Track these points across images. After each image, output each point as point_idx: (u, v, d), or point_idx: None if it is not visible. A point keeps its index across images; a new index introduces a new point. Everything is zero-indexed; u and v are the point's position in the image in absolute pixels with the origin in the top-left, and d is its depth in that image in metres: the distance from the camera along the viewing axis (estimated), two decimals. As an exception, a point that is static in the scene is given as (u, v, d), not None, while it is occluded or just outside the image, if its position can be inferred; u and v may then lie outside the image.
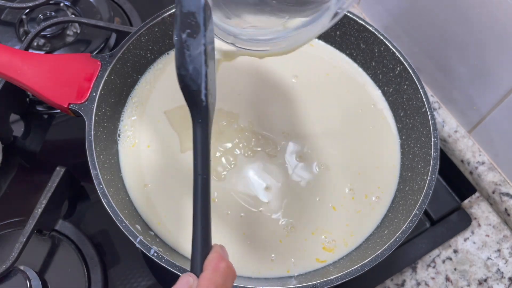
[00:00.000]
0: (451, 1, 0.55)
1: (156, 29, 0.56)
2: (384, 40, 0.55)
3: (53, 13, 0.68)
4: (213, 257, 0.33)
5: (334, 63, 0.60)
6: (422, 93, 0.52)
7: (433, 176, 0.47)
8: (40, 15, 0.68)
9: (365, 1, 0.71)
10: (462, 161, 0.61)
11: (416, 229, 0.57)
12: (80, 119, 0.49)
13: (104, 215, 0.43)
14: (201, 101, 0.35)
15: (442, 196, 0.60)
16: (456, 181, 0.62)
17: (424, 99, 0.51)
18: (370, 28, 0.55)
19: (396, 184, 0.52)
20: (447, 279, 0.55)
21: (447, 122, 0.63)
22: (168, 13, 0.55)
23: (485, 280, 0.55)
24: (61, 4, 0.70)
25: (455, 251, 0.57)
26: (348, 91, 0.58)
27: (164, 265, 0.41)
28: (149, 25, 0.54)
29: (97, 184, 0.45)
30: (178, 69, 0.35)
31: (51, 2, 0.69)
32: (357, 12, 0.72)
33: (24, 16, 0.68)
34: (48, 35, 0.66)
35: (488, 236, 0.58)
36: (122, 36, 0.56)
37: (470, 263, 0.56)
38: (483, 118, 0.59)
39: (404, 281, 0.55)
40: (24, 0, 0.67)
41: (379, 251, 0.43)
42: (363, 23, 0.55)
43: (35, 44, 0.66)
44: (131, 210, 0.48)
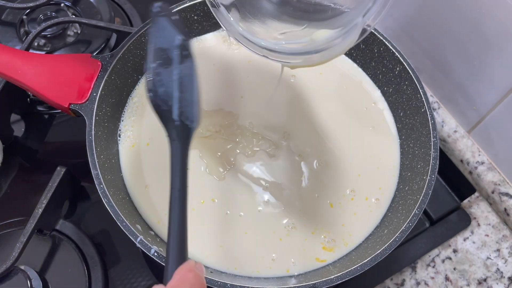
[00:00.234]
0: (451, 1, 0.55)
1: (157, 30, 0.56)
2: (384, 40, 0.55)
3: (54, 14, 0.69)
4: (182, 268, 0.33)
5: (334, 63, 0.60)
6: (422, 93, 0.52)
7: (433, 176, 0.47)
8: (41, 16, 0.68)
9: (365, 2, 0.71)
10: (462, 161, 0.62)
11: (416, 229, 0.57)
12: (81, 119, 0.49)
13: (105, 215, 0.43)
14: (173, 120, 0.39)
15: (442, 196, 0.60)
16: (456, 181, 0.62)
17: (424, 99, 0.52)
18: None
19: (396, 184, 0.52)
20: (447, 279, 0.55)
21: (447, 122, 0.63)
22: (168, 14, 0.55)
23: (485, 280, 0.55)
24: (62, 5, 0.70)
25: (455, 251, 0.57)
26: (348, 91, 0.58)
27: (165, 265, 0.41)
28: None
29: (98, 184, 0.45)
30: (149, 91, 0.39)
31: (52, 3, 0.69)
32: (357, 12, 0.72)
33: (25, 17, 0.68)
34: (49, 36, 0.66)
35: (488, 236, 0.58)
36: (123, 37, 0.56)
37: (470, 263, 0.56)
38: (483, 118, 0.59)
39: (404, 281, 0.55)
40: (25, 1, 0.67)
41: (379, 251, 0.43)
42: (363, 24, 0.55)
43: (36, 45, 0.66)
44: (132, 210, 0.48)
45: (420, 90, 0.52)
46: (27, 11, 0.68)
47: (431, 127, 0.50)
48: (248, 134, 0.54)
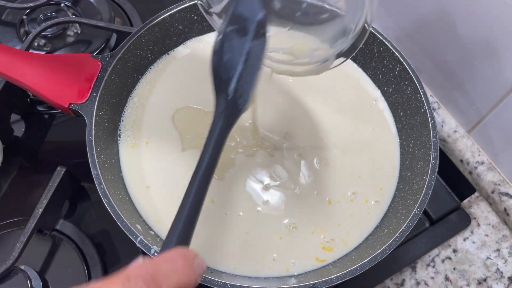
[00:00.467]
0: (451, 1, 0.55)
1: (157, 30, 0.56)
2: (384, 40, 0.55)
3: (54, 14, 0.69)
4: (177, 250, 0.30)
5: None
6: (422, 93, 0.52)
7: (433, 176, 0.47)
8: (41, 16, 0.68)
9: (365, 2, 0.71)
10: (462, 161, 0.62)
11: (416, 229, 0.57)
12: (81, 119, 0.49)
13: (105, 215, 0.43)
14: (228, 93, 0.36)
15: (442, 196, 0.60)
16: (456, 181, 0.62)
17: (424, 99, 0.52)
18: (370, 29, 0.55)
19: (396, 184, 0.52)
20: (447, 279, 0.55)
21: (447, 122, 0.63)
22: (168, 14, 0.55)
23: (485, 280, 0.55)
24: (62, 5, 0.70)
25: (455, 251, 0.57)
26: (348, 91, 0.58)
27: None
28: (150, 26, 0.55)
29: (98, 184, 0.45)
30: (213, 54, 0.36)
31: (52, 3, 0.69)
32: (357, 13, 0.72)
33: (25, 17, 0.68)
34: (49, 36, 0.66)
35: (488, 236, 0.58)
36: (123, 37, 0.56)
37: (470, 263, 0.56)
38: (483, 118, 0.59)
39: (404, 281, 0.55)
40: (25, 1, 0.67)
41: (379, 251, 0.43)
42: (363, 24, 0.56)
43: (36, 45, 0.66)
44: (132, 210, 0.48)
45: (420, 90, 0.52)
46: (27, 11, 0.68)
47: (431, 127, 0.50)
48: (248, 134, 0.54)
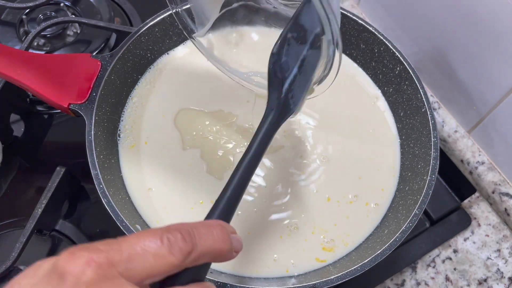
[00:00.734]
0: (451, 1, 0.55)
1: (156, 29, 0.56)
2: (384, 40, 0.55)
3: (53, 13, 0.69)
4: (219, 222, 0.31)
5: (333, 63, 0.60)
6: (422, 93, 0.52)
7: (433, 176, 0.47)
8: (40, 15, 0.68)
9: (365, 1, 0.71)
10: (462, 161, 0.61)
11: (416, 229, 0.57)
12: (80, 119, 0.49)
13: (104, 215, 0.43)
14: (280, 92, 0.39)
15: (442, 196, 0.60)
16: (456, 181, 0.62)
17: (424, 99, 0.51)
18: (370, 28, 0.55)
19: (396, 184, 0.52)
20: (447, 279, 0.55)
21: (447, 122, 0.63)
22: (168, 13, 0.55)
23: (485, 280, 0.55)
24: (61, 4, 0.70)
25: (455, 251, 0.57)
26: (348, 91, 0.58)
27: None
28: (149, 25, 0.55)
29: (97, 184, 0.45)
30: (273, 52, 0.39)
31: (51, 2, 0.69)
32: (357, 12, 0.72)
33: (24, 16, 0.68)
34: (48, 35, 0.66)
35: (488, 236, 0.58)
36: (122, 36, 0.56)
37: (470, 263, 0.56)
38: (483, 118, 0.59)
39: (404, 281, 0.55)
40: (24, 0, 0.67)
41: (379, 251, 0.43)
42: (363, 23, 0.55)
43: (35, 44, 0.66)
44: (131, 210, 0.48)
45: (421, 90, 0.52)
46: (27, 11, 0.68)
47: (431, 127, 0.50)
48: (249, 135, 0.54)
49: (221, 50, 0.50)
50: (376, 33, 0.55)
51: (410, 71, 0.53)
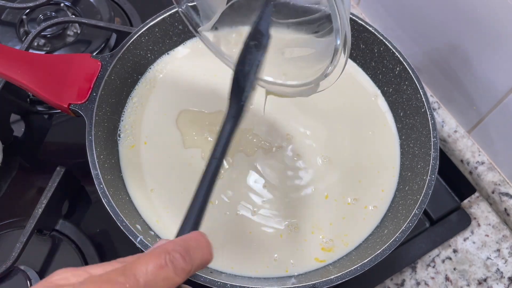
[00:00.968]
0: (451, 2, 0.55)
1: (156, 29, 0.56)
2: (384, 40, 0.55)
3: (54, 13, 0.69)
4: (197, 232, 0.33)
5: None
6: (422, 93, 0.52)
7: (433, 176, 0.47)
8: (41, 15, 0.68)
9: (365, 1, 0.71)
10: (462, 161, 0.61)
11: (416, 229, 0.57)
12: (81, 119, 0.49)
13: (105, 215, 0.43)
14: (241, 100, 0.40)
15: (442, 196, 0.60)
16: (456, 181, 0.62)
17: (424, 99, 0.51)
18: (370, 28, 0.55)
19: (396, 184, 0.52)
20: (447, 279, 0.55)
21: (447, 122, 0.63)
22: (168, 13, 0.55)
23: (485, 280, 0.55)
24: (62, 4, 0.70)
25: (455, 251, 0.57)
26: (348, 91, 0.58)
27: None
28: (149, 25, 0.55)
29: (98, 184, 0.45)
30: (237, 64, 0.40)
31: (52, 2, 0.69)
32: (357, 12, 0.72)
33: (25, 16, 0.68)
34: (49, 35, 0.66)
35: (488, 236, 0.58)
36: (122, 36, 0.56)
37: (470, 263, 0.56)
38: (483, 118, 0.59)
39: (404, 281, 0.55)
40: (25, 0, 0.67)
41: (379, 251, 0.43)
42: (363, 23, 0.55)
43: (36, 44, 0.66)
44: (131, 210, 0.48)
45: (420, 90, 0.52)
46: (27, 11, 0.68)
47: (431, 127, 0.50)
48: (248, 135, 0.54)
49: (229, 45, 0.49)
50: (376, 33, 0.55)
51: (410, 71, 0.53)
